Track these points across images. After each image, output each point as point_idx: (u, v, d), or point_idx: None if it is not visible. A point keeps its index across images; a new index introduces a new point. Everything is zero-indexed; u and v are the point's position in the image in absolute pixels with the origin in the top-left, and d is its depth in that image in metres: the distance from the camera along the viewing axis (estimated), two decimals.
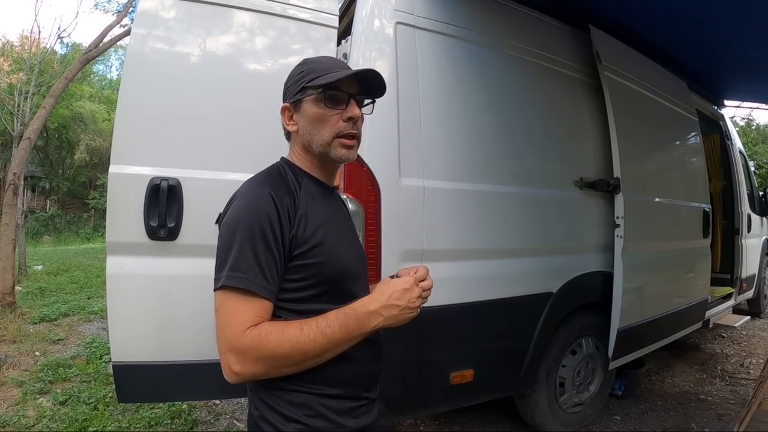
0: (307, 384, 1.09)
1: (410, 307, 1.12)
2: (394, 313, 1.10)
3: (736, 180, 5.12)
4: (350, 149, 1.18)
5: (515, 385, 2.64)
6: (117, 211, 1.95)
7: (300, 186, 1.16)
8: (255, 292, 1.02)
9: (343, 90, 1.15)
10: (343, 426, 1.11)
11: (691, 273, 3.89)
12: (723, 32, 3.06)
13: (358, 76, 1.17)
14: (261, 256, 1.03)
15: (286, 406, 1.09)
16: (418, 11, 2.26)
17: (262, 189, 1.10)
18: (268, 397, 1.11)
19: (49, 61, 11.69)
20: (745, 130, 17.33)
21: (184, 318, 1.99)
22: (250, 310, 1.02)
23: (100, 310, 5.99)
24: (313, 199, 1.17)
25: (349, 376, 1.15)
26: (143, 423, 3.12)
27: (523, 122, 2.66)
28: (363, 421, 1.16)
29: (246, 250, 1.03)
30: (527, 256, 2.61)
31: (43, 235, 18.89)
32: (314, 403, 1.10)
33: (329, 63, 1.21)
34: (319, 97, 1.14)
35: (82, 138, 21.00)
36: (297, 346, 1.01)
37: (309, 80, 1.15)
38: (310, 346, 1.02)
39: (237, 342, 1.00)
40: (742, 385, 4.00)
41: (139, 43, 2.01)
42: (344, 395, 1.14)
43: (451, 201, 2.30)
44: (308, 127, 1.17)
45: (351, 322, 1.06)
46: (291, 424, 1.08)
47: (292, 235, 1.08)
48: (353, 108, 1.16)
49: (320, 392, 1.10)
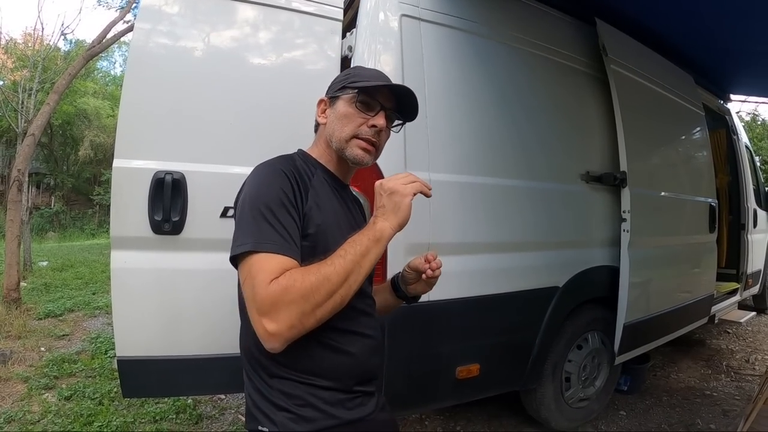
0: (298, 374, 1.11)
1: (402, 193, 1.12)
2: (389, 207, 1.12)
3: (742, 175, 5.08)
4: (366, 152, 1.22)
5: (521, 380, 2.64)
6: (121, 206, 1.94)
7: (313, 174, 1.21)
8: (278, 252, 1.03)
9: (378, 99, 1.21)
10: (334, 416, 1.12)
11: (697, 268, 3.86)
12: (729, 26, 3.03)
13: (394, 90, 1.23)
14: (282, 219, 1.06)
15: (277, 395, 1.11)
16: (423, 3, 2.25)
17: (275, 166, 1.15)
18: (262, 385, 1.13)
19: (53, 57, 11.72)
20: (750, 125, 17.22)
21: (189, 312, 1.98)
22: (275, 266, 1.02)
23: (105, 305, 6.02)
24: (325, 187, 1.22)
25: (341, 368, 1.15)
26: (148, 418, 3.12)
27: (529, 115, 2.64)
28: (356, 414, 1.17)
29: (267, 216, 1.05)
30: (533, 250, 2.60)
31: (48, 231, 18.93)
32: (304, 393, 1.11)
33: (375, 74, 1.28)
34: (353, 98, 1.21)
35: (87, 134, 21.00)
36: (320, 274, 1.01)
37: (350, 81, 1.23)
38: (331, 270, 1.02)
39: (264, 295, 0.99)
40: (747, 381, 3.99)
41: (143, 38, 2.00)
42: (335, 387, 1.14)
43: (457, 194, 2.28)
44: (334, 122, 1.23)
45: (358, 237, 1.08)
46: (281, 413, 1.10)
47: (304, 212, 1.12)
48: (380, 118, 1.21)
49: (310, 383, 1.12)
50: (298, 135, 2.06)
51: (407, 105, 1.26)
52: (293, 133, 2.05)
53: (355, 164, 1.25)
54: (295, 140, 2.06)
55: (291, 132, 2.04)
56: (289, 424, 1.09)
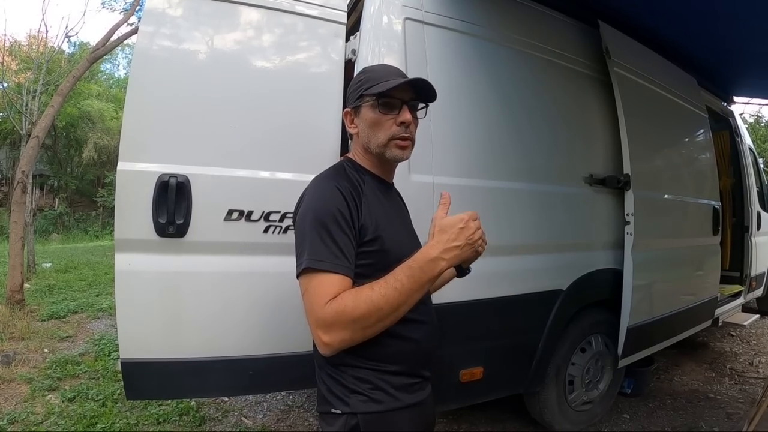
0: (369, 361, 1.22)
1: (470, 243, 1.16)
2: (455, 253, 1.14)
3: (745, 177, 5.07)
4: (404, 149, 1.30)
5: (524, 383, 2.64)
6: (125, 208, 1.94)
7: (363, 182, 1.30)
8: (332, 271, 1.13)
9: (396, 97, 1.27)
10: (400, 400, 1.24)
11: (701, 271, 3.85)
12: (733, 28, 3.03)
13: (411, 83, 1.28)
14: (336, 238, 1.16)
15: (351, 380, 1.22)
16: (427, 7, 2.25)
17: (329, 183, 1.24)
18: (335, 372, 1.24)
19: (57, 60, 11.75)
20: (754, 126, 17.20)
21: (193, 315, 1.98)
22: (329, 288, 1.13)
23: (109, 307, 6.03)
24: (375, 194, 1.30)
25: (407, 354, 1.27)
26: (151, 420, 3.13)
27: (533, 118, 2.64)
28: (417, 397, 1.29)
29: (322, 235, 1.16)
30: (537, 253, 2.60)
31: (52, 233, 18.96)
32: (375, 378, 1.22)
33: (384, 71, 1.33)
34: (374, 103, 1.27)
35: (90, 136, 21.05)
36: (371, 304, 1.10)
37: (366, 88, 1.28)
38: (383, 301, 1.10)
39: (320, 315, 1.12)
40: (751, 384, 3.98)
41: (147, 40, 2.00)
42: (402, 371, 1.26)
43: (460, 197, 2.27)
44: (366, 131, 1.30)
45: (416, 272, 1.12)
46: (354, 396, 1.21)
47: (361, 224, 1.21)
48: (405, 113, 1.27)
49: (380, 368, 1.23)
50: (301, 137, 2.08)
51: (423, 89, 1.30)
52: (297, 136, 2.07)
53: (396, 161, 1.34)
54: (298, 143, 2.08)
55: (295, 134, 2.06)
56: (360, 406, 1.20)
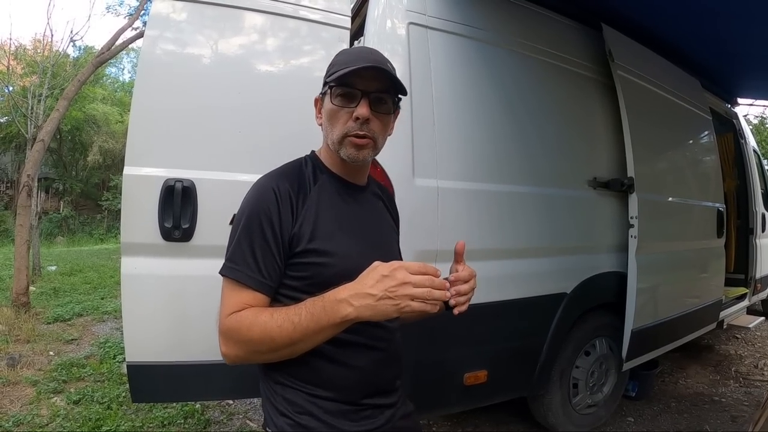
0: (299, 383, 1.10)
1: (389, 297, 0.91)
2: (368, 303, 0.92)
3: (750, 179, 5.06)
4: (360, 149, 1.10)
5: (529, 386, 2.63)
6: (132, 212, 1.96)
7: (315, 182, 1.15)
8: (243, 283, 1.05)
9: (357, 87, 1.08)
10: (334, 427, 1.09)
11: (706, 273, 3.84)
12: (736, 30, 3.03)
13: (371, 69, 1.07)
14: (256, 248, 1.05)
15: (280, 400, 1.11)
16: (431, 11, 2.26)
17: (269, 183, 1.10)
18: (268, 388, 1.14)
19: (62, 64, 11.77)
20: (758, 128, 17.16)
21: (198, 318, 1.98)
22: (237, 299, 1.04)
23: (114, 310, 6.04)
24: (329, 197, 1.14)
25: (343, 381, 1.11)
26: (156, 422, 3.13)
27: (536, 122, 2.65)
28: (363, 426, 1.12)
29: (243, 241, 1.06)
30: (541, 256, 2.60)
31: (57, 236, 19.03)
32: (304, 401, 1.09)
33: (355, 55, 1.13)
34: (334, 92, 1.10)
35: (95, 140, 21.14)
36: (265, 332, 0.99)
37: (328, 73, 1.12)
38: (277, 332, 0.98)
39: (222, 324, 1.04)
40: (756, 387, 3.96)
41: (152, 45, 2.02)
42: (337, 399, 1.10)
43: (464, 201, 2.29)
44: (326, 123, 1.14)
45: (318, 310, 0.96)
46: (282, 418, 1.09)
47: (293, 232, 1.07)
48: (361, 107, 1.07)
49: (310, 392, 1.10)
50: (307, 142, 2.09)
51: (390, 79, 1.10)
52: (302, 140, 2.07)
53: (354, 163, 1.14)
54: (304, 147, 2.08)
55: (300, 139, 2.06)
56: (287, 429, 1.08)
